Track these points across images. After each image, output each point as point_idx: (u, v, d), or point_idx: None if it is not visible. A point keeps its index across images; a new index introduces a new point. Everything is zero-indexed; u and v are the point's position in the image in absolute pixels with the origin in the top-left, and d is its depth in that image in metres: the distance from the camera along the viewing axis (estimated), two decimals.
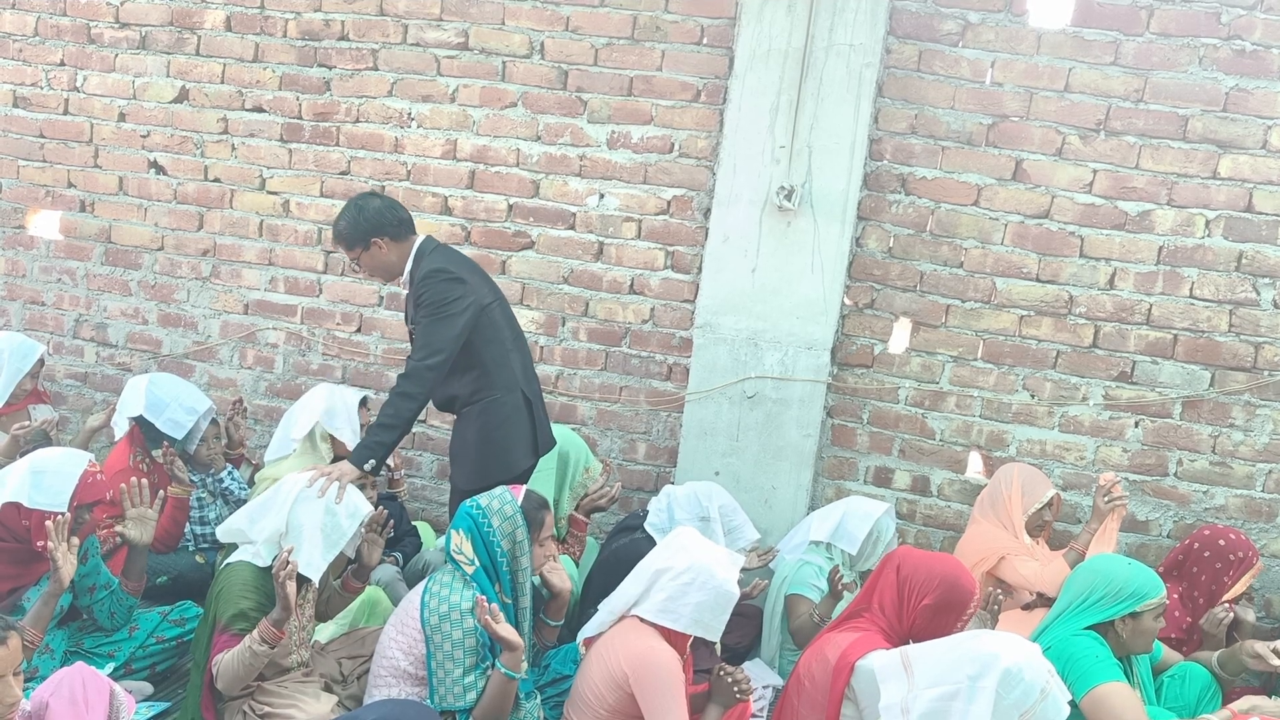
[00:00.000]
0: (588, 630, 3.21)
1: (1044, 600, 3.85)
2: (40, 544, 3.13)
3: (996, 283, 4.33)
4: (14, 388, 4.33)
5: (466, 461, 3.75)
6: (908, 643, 2.88)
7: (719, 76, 4.41)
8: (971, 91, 4.25)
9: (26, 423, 4.18)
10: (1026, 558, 3.90)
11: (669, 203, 4.54)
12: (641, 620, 3.05)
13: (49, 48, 5.15)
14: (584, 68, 4.55)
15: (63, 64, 5.14)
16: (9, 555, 3.21)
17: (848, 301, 4.42)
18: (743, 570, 3.87)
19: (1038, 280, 4.30)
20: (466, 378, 3.72)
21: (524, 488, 3.35)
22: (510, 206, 4.71)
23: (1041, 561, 3.90)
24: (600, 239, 4.63)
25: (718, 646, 3.60)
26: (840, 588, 3.66)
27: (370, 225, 3.67)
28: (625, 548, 3.90)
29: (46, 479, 3.18)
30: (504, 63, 4.64)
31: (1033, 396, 4.35)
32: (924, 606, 3.03)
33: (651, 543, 3.75)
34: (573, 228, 4.65)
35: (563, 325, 4.71)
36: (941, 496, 4.49)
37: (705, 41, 4.41)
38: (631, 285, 4.62)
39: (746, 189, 4.29)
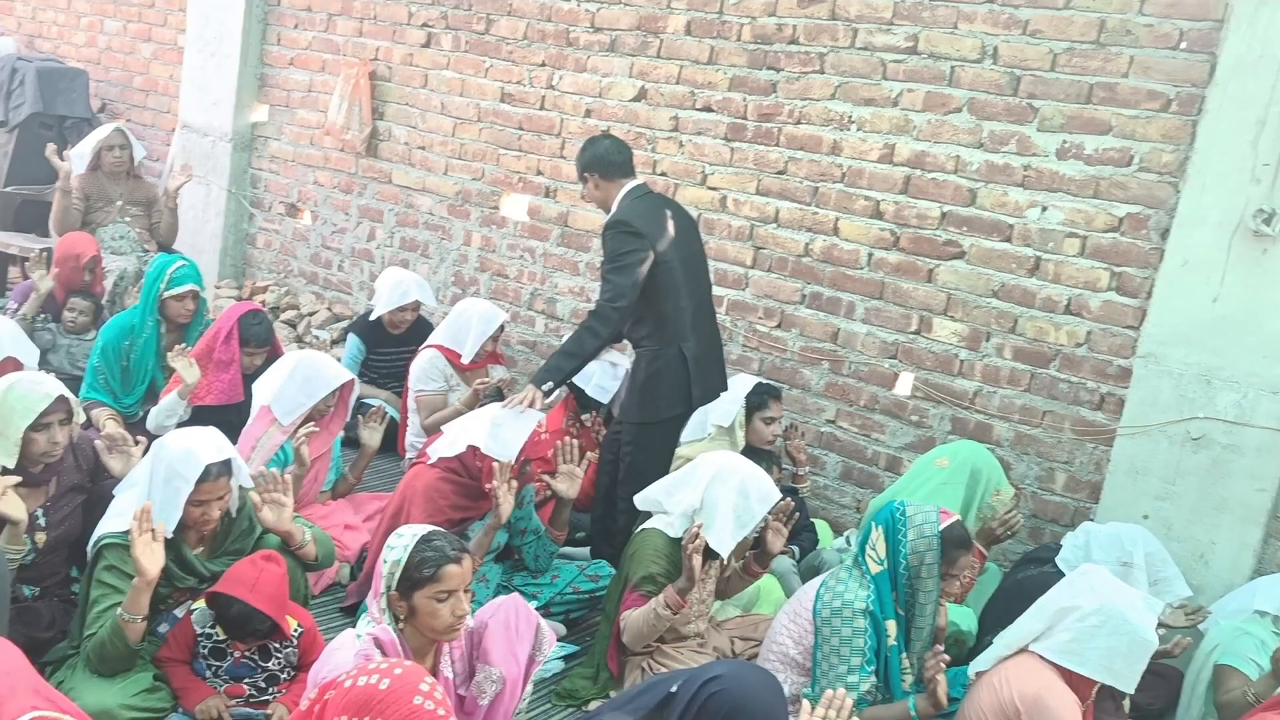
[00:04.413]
0: (980, 664, 3.08)
1: None
2: (488, 485, 3.54)
3: None
4: (479, 348, 4.91)
5: (629, 397, 4.23)
6: None
7: (1195, 85, 4.01)
8: None
9: (485, 379, 4.71)
10: None
11: (1121, 220, 4.20)
12: (1041, 658, 2.89)
13: (533, 50, 5.76)
14: (1039, 73, 4.33)
15: (543, 64, 5.73)
16: (464, 489, 3.67)
17: None
18: (1163, 625, 3.54)
19: None
20: (639, 325, 4.11)
21: (955, 517, 3.25)
22: (943, 214, 4.60)
23: None
24: (1037, 254, 4.39)
25: (1126, 704, 3.33)
26: None
27: (586, 161, 4.17)
28: (1032, 580, 3.70)
29: (503, 430, 3.58)
30: (952, 67, 4.53)
31: None
32: None
33: (1060, 578, 3.53)
34: (1008, 240, 4.45)
35: (987, 340, 4.53)
36: None
37: (1182, 46, 4.04)
38: (1068, 305, 4.34)
39: (1215, 209, 3.88)
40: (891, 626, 3.17)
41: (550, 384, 3.94)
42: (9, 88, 6.98)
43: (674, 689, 2.50)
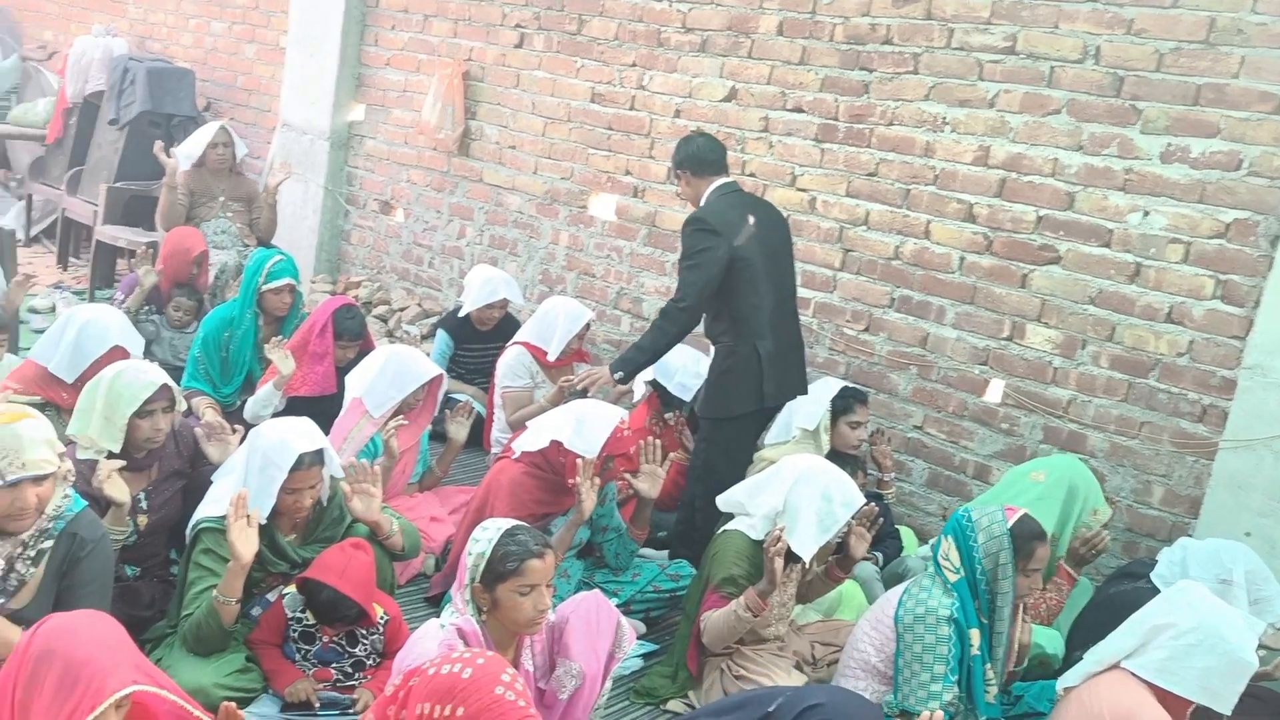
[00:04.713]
0: (1069, 679, 3.01)
1: None
2: (571, 481, 3.57)
3: None
4: (564, 346, 4.95)
5: (704, 393, 4.24)
6: None
7: None
8: None
9: (570, 377, 4.74)
10: None
11: (1228, 226, 4.06)
12: (1134, 675, 2.81)
13: (624, 50, 5.78)
14: (1143, 74, 4.20)
15: (634, 65, 5.75)
16: (548, 485, 3.70)
17: None
18: (1264, 647, 3.42)
19: None
20: (716, 322, 4.14)
21: (1022, 511, 3.21)
22: (1039, 218, 4.49)
23: None
24: (1138, 260, 4.26)
25: None
26: None
27: (680, 159, 4.23)
28: (1124, 595, 3.61)
29: (586, 427, 3.60)
30: (1051, 68, 4.42)
31: None
32: None
33: (1155, 594, 3.43)
34: (1107, 245, 4.33)
35: (1082, 348, 4.41)
36: None
37: None
38: (1169, 314, 4.20)
39: None
40: (975, 636, 3.12)
41: (622, 374, 4.12)
42: (120, 87, 7.25)
43: (771, 709, 2.48)
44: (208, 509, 3.18)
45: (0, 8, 9.48)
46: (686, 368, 4.70)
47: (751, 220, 4.11)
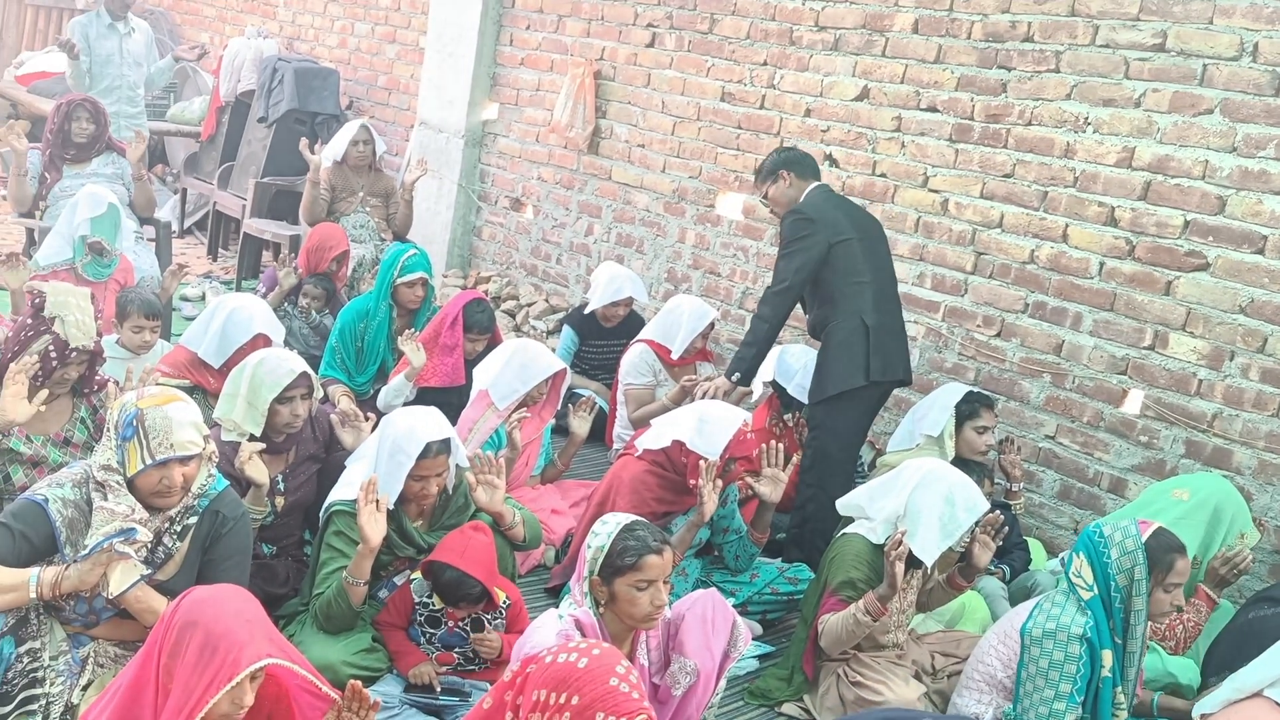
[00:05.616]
0: (1206, 706, 2.86)
1: None
2: (693, 482, 3.57)
3: None
4: (688, 344, 4.96)
5: (812, 382, 4.23)
6: None
7: None
8: None
9: (693, 376, 4.75)
10: None
11: None
12: (1278, 705, 2.66)
13: (755, 49, 5.76)
14: None
15: (765, 63, 5.72)
16: (669, 484, 3.71)
17: None
18: None
19: None
20: (820, 309, 4.21)
21: (1156, 525, 3.08)
22: (1187, 223, 4.30)
23: None
24: None
25: None
26: None
27: (784, 159, 4.36)
28: (1265, 620, 3.44)
29: (709, 428, 3.60)
30: (1204, 65, 4.22)
31: None
32: None
33: None
34: (1261, 252, 4.11)
35: (1230, 360, 4.20)
36: None
37: None
38: None
39: None
40: (1108, 657, 3.01)
41: (738, 375, 4.20)
42: (269, 86, 7.57)
43: None
44: (341, 492, 3.30)
45: (162, 11, 10.00)
46: (807, 369, 4.64)
47: (846, 213, 4.27)
